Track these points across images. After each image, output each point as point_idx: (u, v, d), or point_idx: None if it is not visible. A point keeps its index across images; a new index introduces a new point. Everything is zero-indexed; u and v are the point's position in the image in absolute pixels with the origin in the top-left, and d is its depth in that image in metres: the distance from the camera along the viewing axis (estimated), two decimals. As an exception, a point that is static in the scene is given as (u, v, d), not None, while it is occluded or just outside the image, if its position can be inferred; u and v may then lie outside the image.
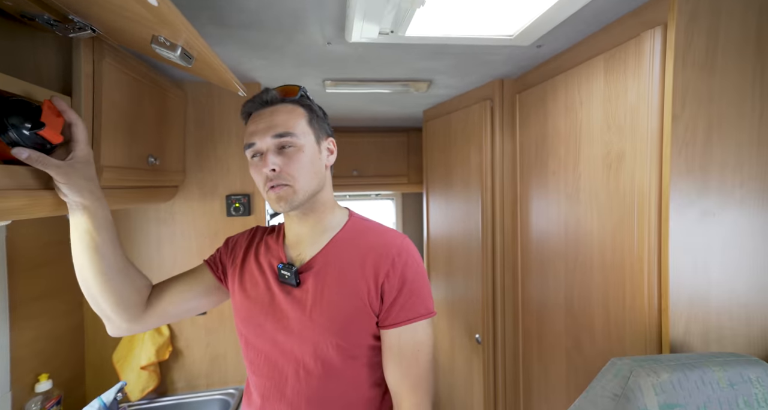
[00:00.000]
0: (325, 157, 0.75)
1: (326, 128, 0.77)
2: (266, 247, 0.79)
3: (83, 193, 0.66)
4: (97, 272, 0.68)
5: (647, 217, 0.77)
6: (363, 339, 0.70)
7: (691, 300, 0.73)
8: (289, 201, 0.69)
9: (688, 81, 0.70)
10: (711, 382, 0.59)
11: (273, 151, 0.69)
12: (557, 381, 1.13)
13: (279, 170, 0.68)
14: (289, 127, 0.69)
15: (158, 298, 0.78)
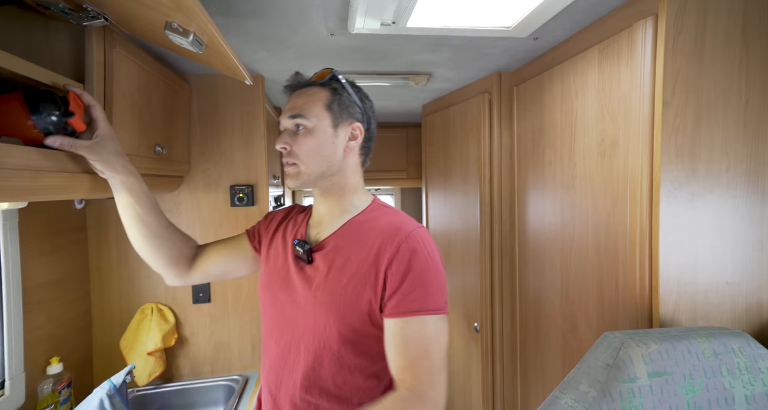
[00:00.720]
0: (342, 141, 0.74)
1: (353, 113, 0.75)
2: (293, 224, 0.84)
3: (116, 167, 0.73)
4: (144, 237, 0.80)
5: (639, 201, 0.80)
6: (362, 325, 0.69)
7: (679, 280, 0.76)
8: (295, 179, 0.73)
9: (677, 69, 0.74)
10: (696, 352, 0.62)
11: (289, 131, 0.73)
12: (553, 364, 1.16)
13: (289, 149, 0.72)
14: (303, 109, 0.72)
15: (202, 258, 0.88)
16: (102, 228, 1.30)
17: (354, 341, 0.70)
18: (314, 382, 0.71)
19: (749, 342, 0.64)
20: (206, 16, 0.54)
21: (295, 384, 0.72)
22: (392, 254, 0.67)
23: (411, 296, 0.66)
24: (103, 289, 1.31)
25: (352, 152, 0.77)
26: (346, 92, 0.75)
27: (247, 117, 1.37)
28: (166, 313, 1.33)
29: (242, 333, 1.40)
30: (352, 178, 0.78)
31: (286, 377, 0.73)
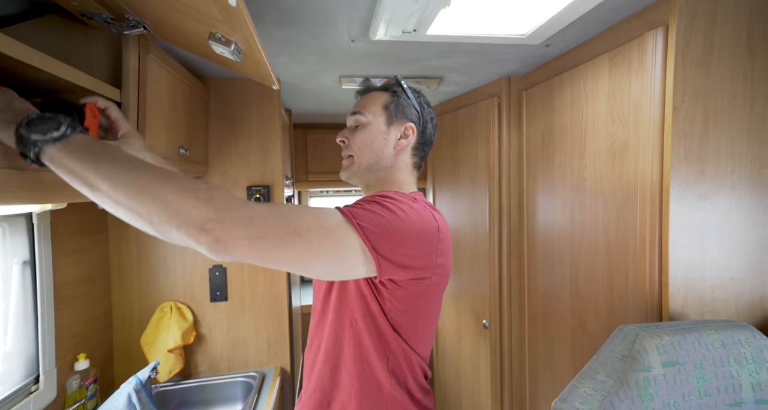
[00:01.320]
0: (393, 138, 0.77)
1: (409, 114, 0.78)
2: None
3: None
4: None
5: (649, 201, 0.85)
6: (356, 292, 0.68)
7: (688, 276, 0.80)
8: (348, 170, 0.80)
9: (687, 77, 0.78)
10: (706, 343, 0.67)
11: (350, 128, 0.81)
12: (562, 359, 1.20)
13: (347, 143, 0.79)
14: (362, 107, 0.79)
15: None
16: (122, 229, 1.33)
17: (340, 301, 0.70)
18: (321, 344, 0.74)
19: (755, 333, 0.69)
20: (253, 28, 0.58)
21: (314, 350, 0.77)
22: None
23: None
24: (123, 288, 1.34)
25: (404, 151, 0.78)
26: (405, 95, 0.79)
27: (263, 119, 1.40)
28: (184, 311, 1.36)
29: (258, 331, 1.44)
30: (399, 175, 0.79)
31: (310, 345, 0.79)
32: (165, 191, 0.45)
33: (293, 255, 0.50)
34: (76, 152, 0.45)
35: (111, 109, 0.70)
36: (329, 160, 2.35)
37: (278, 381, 1.35)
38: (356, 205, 0.61)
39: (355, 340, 0.68)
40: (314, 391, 0.73)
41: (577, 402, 0.66)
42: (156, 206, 0.44)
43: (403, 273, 0.60)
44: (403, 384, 0.70)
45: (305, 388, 0.78)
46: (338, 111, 1.99)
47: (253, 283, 1.42)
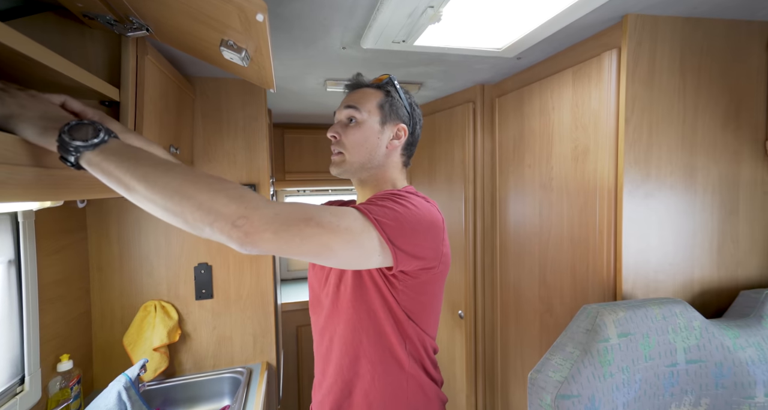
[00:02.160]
0: (386, 138, 0.80)
1: (401, 115, 0.81)
2: None
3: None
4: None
5: (606, 199, 0.98)
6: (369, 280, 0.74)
7: (637, 262, 0.94)
8: (338, 166, 0.80)
9: (635, 93, 0.92)
10: (651, 317, 0.80)
11: (341, 123, 0.80)
12: (531, 341, 1.33)
13: (338, 138, 0.79)
14: (358, 103, 0.79)
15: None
16: (103, 227, 1.30)
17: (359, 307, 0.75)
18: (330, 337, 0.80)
19: (686, 307, 0.83)
20: (267, 39, 0.63)
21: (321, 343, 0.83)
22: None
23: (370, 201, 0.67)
24: (103, 288, 1.31)
25: (395, 150, 0.82)
26: (398, 96, 0.82)
27: (249, 118, 1.42)
28: (169, 310, 1.36)
29: (244, 327, 1.46)
30: (391, 173, 0.83)
31: (316, 336, 0.84)
32: (198, 191, 0.48)
33: (315, 247, 0.54)
34: (114, 156, 0.49)
35: (69, 102, 0.62)
36: (306, 160, 2.38)
37: (265, 375, 1.38)
38: (370, 202, 0.66)
39: (375, 330, 0.74)
40: (335, 382, 0.78)
41: (550, 372, 0.76)
42: (190, 205, 0.48)
43: (415, 263, 0.66)
44: (419, 363, 0.77)
45: (321, 380, 0.82)
46: (318, 112, 2.03)
47: (238, 280, 1.44)
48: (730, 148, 0.98)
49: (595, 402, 0.72)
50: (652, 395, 0.77)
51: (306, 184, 2.46)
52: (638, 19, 0.90)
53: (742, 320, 0.86)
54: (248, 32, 0.61)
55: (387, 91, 0.82)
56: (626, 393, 0.75)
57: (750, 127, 0.99)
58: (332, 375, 0.79)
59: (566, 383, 0.72)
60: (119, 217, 1.32)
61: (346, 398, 0.77)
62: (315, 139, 2.36)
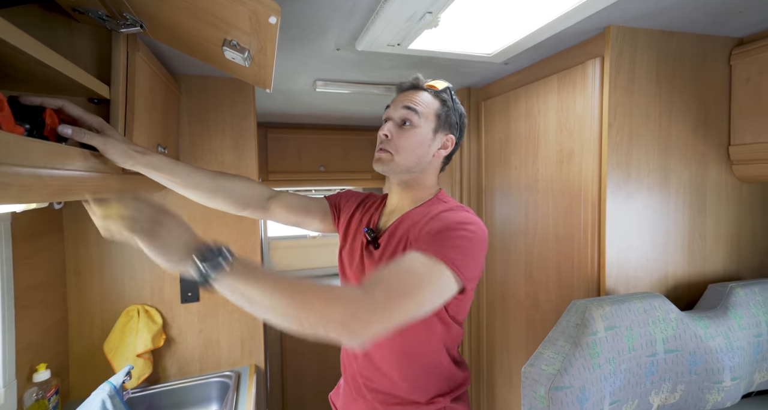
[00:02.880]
0: (435, 146, 0.82)
1: (451, 126, 0.83)
2: (367, 210, 0.93)
3: (131, 155, 0.75)
4: (199, 197, 0.87)
5: (590, 199, 1.03)
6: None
7: (619, 259, 1.00)
8: (384, 164, 0.80)
9: (618, 99, 0.97)
10: (633, 310, 0.85)
11: (396, 122, 0.81)
12: (517, 336, 1.39)
13: (390, 137, 0.80)
14: (418, 105, 0.80)
15: (280, 202, 0.94)
16: (80, 230, 1.24)
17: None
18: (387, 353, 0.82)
19: (664, 300, 0.89)
20: (276, 40, 0.63)
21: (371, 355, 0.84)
22: (428, 219, 0.74)
23: (426, 239, 0.68)
24: (82, 293, 1.25)
25: (439, 159, 0.85)
26: (453, 107, 0.83)
27: (237, 117, 1.40)
28: (153, 314, 1.31)
29: (232, 329, 1.43)
30: (429, 178, 0.85)
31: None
32: (312, 300, 0.54)
33: (412, 314, 0.60)
34: (240, 276, 0.54)
35: (67, 107, 0.67)
36: (290, 160, 2.36)
37: (254, 378, 1.36)
38: (437, 240, 0.67)
39: (427, 333, 0.79)
40: (383, 378, 0.82)
41: (542, 365, 0.80)
42: (306, 311, 0.54)
43: (474, 283, 0.73)
44: (450, 354, 0.84)
45: (359, 381, 0.86)
46: (304, 112, 2.01)
47: (227, 283, 1.41)
48: (699, 152, 1.06)
49: (585, 392, 0.76)
50: (634, 383, 0.82)
51: (289, 184, 2.43)
52: (620, 31, 0.96)
53: (711, 311, 0.93)
54: (256, 33, 0.61)
55: (444, 99, 0.83)
56: (612, 383, 0.80)
57: (716, 132, 1.07)
58: (382, 370, 0.82)
59: (559, 375, 0.76)
60: (99, 219, 1.26)
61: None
62: (300, 138, 2.34)
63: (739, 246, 1.11)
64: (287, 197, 0.96)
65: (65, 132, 0.67)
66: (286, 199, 0.96)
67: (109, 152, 0.72)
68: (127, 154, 0.75)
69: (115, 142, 0.73)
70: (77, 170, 0.66)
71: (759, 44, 0.98)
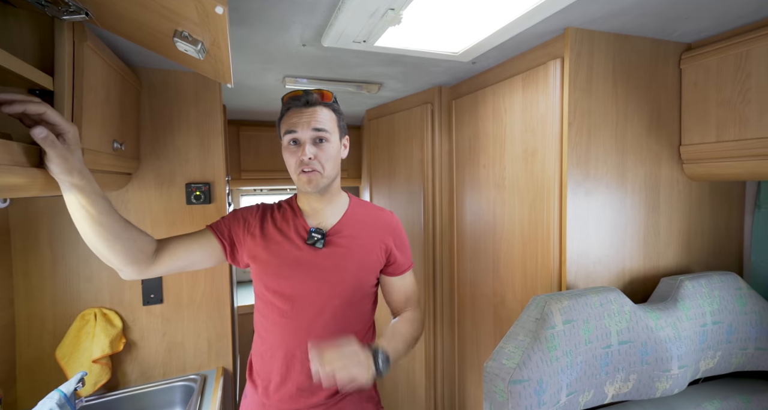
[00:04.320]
0: (342, 151, 0.96)
1: (345, 129, 0.97)
2: (283, 217, 0.96)
3: (74, 173, 0.68)
4: (100, 238, 0.75)
5: (552, 197, 1.06)
6: (372, 284, 0.99)
7: (579, 255, 1.03)
8: (317, 184, 0.89)
9: (577, 99, 1.00)
10: (590, 304, 0.88)
11: (310, 141, 0.88)
12: (486, 332, 1.41)
13: (313, 157, 0.87)
14: (325, 124, 0.89)
15: (165, 254, 0.87)
16: (31, 230, 1.17)
17: (366, 295, 0.98)
18: (339, 334, 0.89)
19: (619, 294, 0.93)
20: (226, 32, 0.61)
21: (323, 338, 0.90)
22: (392, 234, 1.01)
23: (405, 259, 1.03)
24: (31, 297, 1.18)
25: (341, 161, 0.97)
26: (341, 112, 0.96)
27: (203, 114, 1.36)
28: (111, 318, 1.25)
29: (198, 332, 1.39)
30: (339, 181, 0.98)
31: (313, 336, 0.90)
32: (417, 336, 0.98)
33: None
34: (394, 356, 0.85)
35: (49, 114, 0.62)
36: (263, 158, 2.31)
37: (221, 381, 1.32)
38: (408, 250, 1.06)
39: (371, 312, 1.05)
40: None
41: (503, 359, 0.82)
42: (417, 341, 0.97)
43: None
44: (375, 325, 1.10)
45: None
46: (274, 108, 1.98)
47: (192, 283, 1.37)
48: (653, 151, 1.11)
49: (543, 384, 0.78)
50: (591, 375, 0.85)
51: (263, 182, 2.39)
52: (578, 33, 0.99)
53: (662, 303, 0.98)
54: (206, 24, 0.58)
55: (334, 108, 0.94)
56: (569, 375, 0.82)
57: (668, 133, 1.12)
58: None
59: (518, 369, 0.78)
60: (51, 218, 1.20)
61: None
62: (272, 136, 2.29)
63: (689, 241, 1.17)
64: (176, 242, 0.90)
65: (39, 134, 0.61)
66: (176, 245, 0.89)
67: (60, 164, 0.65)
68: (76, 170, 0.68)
69: (74, 160, 0.67)
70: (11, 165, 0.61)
71: (705, 50, 1.03)
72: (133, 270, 0.83)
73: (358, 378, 0.73)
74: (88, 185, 0.71)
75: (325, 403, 0.94)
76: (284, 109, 0.93)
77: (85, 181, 0.70)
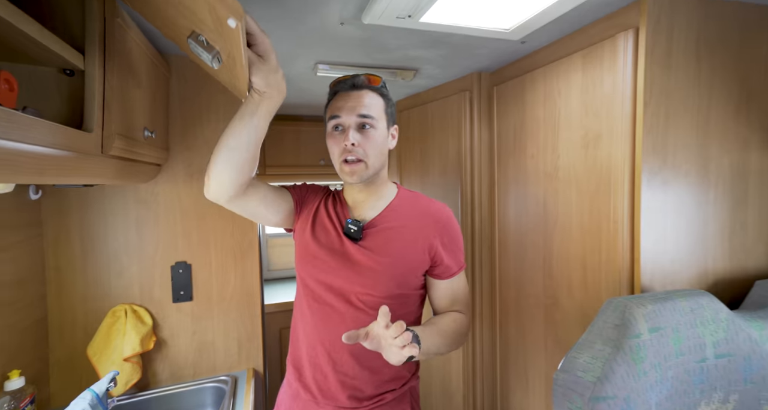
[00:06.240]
0: (389, 140, 0.89)
1: (394, 117, 0.90)
2: (333, 205, 0.94)
3: (272, 84, 0.67)
4: (247, 148, 0.74)
5: (621, 187, 0.94)
6: (412, 287, 0.91)
7: (655, 253, 0.90)
8: (360, 175, 0.83)
9: (654, 76, 0.87)
10: (679, 309, 0.76)
11: (354, 127, 0.82)
12: (534, 335, 1.29)
13: (357, 145, 0.81)
14: (371, 110, 0.83)
15: (256, 194, 0.85)
16: (62, 223, 1.14)
17: (407, 295, 0.90)
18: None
19: (712, 299, 0.80)
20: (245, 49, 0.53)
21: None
22: (441, 231, 0.90)
23: (457, 259, 0.93)
24: (63, 292, 1.15)
25: (389, 150, 0.90)
26: (391, 99, 0.90)
27: (232, 106, 1.30)
28: (142, 314, 1.21)
29: (227, 331, 1.33)
30: (385, 172, 0.92)
31: (343, 332, 0.81)
32: (463, 339, 0.89)
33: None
34: (432, 351, 0.78)
35: (249, 23, 0.57)
36: (288, 153, 2.26)
37: (252, 383, 1.26)
38: (461, 251, 0.95)
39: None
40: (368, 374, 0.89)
41: (578, 372, 0.70)
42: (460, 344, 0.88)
43: None
44: None
45: (333, 382, 0.87)
46: (301, 101, 1.91)
47: (222, 280, 1.31)
48: (741, 136, 0.96)
49: (630, 403, 0.66)
50: (682, 393, 0.73)
51: (287, 178, 2.33)
52: (657, -2, 0.86)
53: (763, 311, 0.84)
54: (220, 34, 0.51)
55: (383, 94, 0.88)
56: (659, 392, 0.70)
57: (759, 115, 0.97)
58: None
59: (599, 383, 0.66)
60: (82, 211, 1.16)
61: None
62: (296, 131, 2.24)
63: (785, 238, 1.01)
64: (262, 185, 0.88)
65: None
66: (262, 187, 0.87)
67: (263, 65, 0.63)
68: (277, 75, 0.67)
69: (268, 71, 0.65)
70: (41, 146, 0.56)
71: (811, 13, 0.88)
72: (234, 191, 0.78)
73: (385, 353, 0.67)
74: (278, 104, 0.72)
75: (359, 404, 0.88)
76: (331, 94, 0.90)
77: (280, 98, 0.71)
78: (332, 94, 0.89)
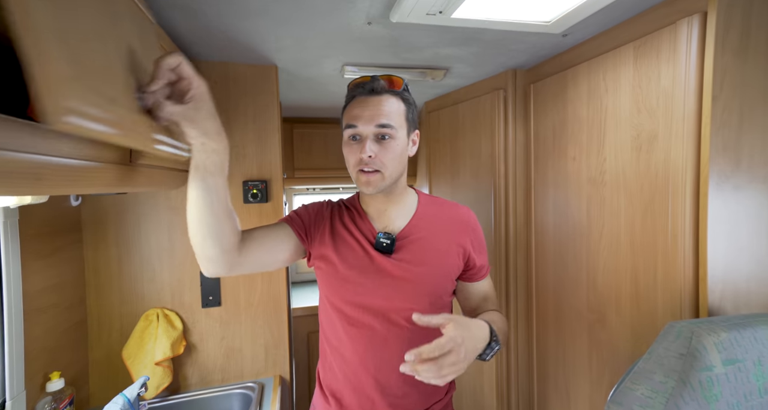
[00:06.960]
0: (410, 147, 0.83)
1: (416, 122, 0.84)
2: (351, 219, 0.87)
3: (210, 133, 0.60)
4: (214, 213, 0.66)
5: (682, 193, 0.83)
6: (449, 292, 0.89)
7: (726, 268, 0.79)
8: (377, 186, 0.79)
9: (725, 65, 0.76)
10: (762, 339, 0.64)
11: (372, 138, 0.77)
12: (577, 354, 1.18)
13: (374, 156, 0.76)
14: (391, 118, 0.77)
15: (253, 244, 0.77)
16: (99, 228, 1.18)
17: (444, 304, 0.87)
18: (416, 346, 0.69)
19: (800, 326, 0.68)
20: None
21: (397, 355, 0.79)
22: (471, 236, 0.89)
23: (485, 260, 0.92)
24: (101, 295, 1.19)
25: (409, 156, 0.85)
26: (413, 103, 0.83)
27: (260, 109, 1.29)
28: (173, 319, 1.23)
29: (255, 337, 1.33)
30: (405, 178, 0.87)
31: (387, 353, 0.81)
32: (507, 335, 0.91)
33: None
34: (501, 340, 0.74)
35: (183, 65, 0.53)
36: (316, 157, 2.25)
37: (279, 391, 1.24)
38: (485, 252, 0.93)
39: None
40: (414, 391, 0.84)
41: (635, 406, 0.62)
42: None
43: None
44: None
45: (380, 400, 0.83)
46: (328, 104, 1.89)
47: (249, 286, 1.31)
48: (832, 133, 0.82)
49: (702, 448, 0.57)
50: (766, 437, 0.62)
51: (316, 181, 2.33)
52: (728, -23, 0.75)
53: None
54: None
55: (405, 98, 0.81)
56: (737, 436, 0.60)
57: None
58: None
59: (663, 423, 0.57)
60: (117, 216, 1.20)
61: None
62: (324, 133, 2.23)
63: None
64: (258, 235, 0.79)
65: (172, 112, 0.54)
66: (258, 238, 0.79)
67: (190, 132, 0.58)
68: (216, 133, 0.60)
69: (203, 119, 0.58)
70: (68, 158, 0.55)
71: None
72: (226, 261, 0.71)
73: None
74: (224, 151, 0.64)
75: None
76: (348, 98, 0.82)
77: (221, 145, 0.63)
78: (350, 97, 0.82)
